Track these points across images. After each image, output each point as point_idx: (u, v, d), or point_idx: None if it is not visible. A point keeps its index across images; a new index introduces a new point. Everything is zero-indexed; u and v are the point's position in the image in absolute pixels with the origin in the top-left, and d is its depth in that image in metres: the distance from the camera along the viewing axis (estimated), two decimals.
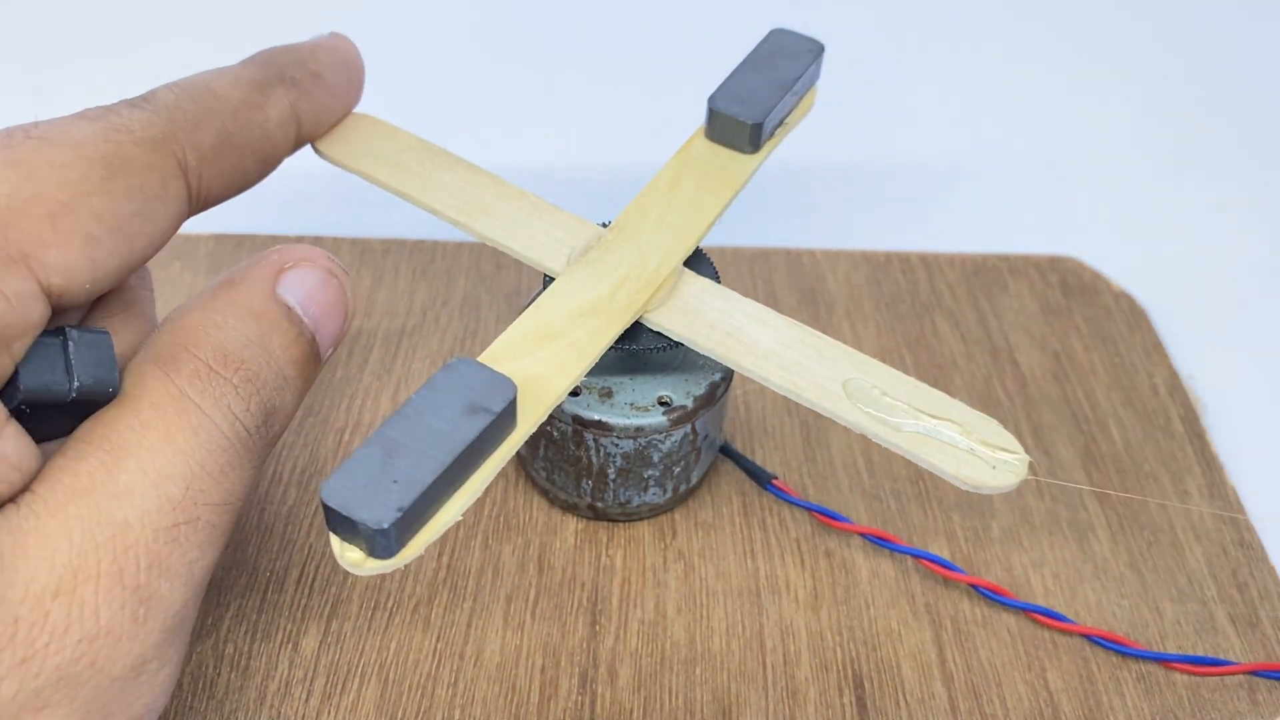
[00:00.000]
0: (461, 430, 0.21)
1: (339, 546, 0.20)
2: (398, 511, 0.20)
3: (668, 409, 0.29)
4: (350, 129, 0.29)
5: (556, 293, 0.26)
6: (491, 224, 0.28)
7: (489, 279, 0.39)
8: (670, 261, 0.27)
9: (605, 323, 0.26)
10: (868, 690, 0.28)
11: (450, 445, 0.21)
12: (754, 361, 0.26)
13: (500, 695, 0.28)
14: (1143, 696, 0.29)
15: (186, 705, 0.27)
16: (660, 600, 0.30)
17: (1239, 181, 0.48)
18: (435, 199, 0.28)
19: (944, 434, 0.25)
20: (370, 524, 0.20)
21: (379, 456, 0.21)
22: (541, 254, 0.27)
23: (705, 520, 0.32)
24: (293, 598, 0.29)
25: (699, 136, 0.30)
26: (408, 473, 0.20)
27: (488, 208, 0.28)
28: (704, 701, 0.28)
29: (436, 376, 0.22)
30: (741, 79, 0.30)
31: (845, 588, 0.31)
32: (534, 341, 0.25)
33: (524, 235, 0.28)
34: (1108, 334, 0.39)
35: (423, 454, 0.21)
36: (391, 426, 0.21)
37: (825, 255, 0.41)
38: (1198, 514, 0.33)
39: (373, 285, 0.39)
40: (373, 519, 0.20)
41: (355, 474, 0.20)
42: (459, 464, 0.21)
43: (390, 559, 0.20)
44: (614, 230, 0.28)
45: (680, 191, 0.29)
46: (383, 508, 0.20)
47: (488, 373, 0.22)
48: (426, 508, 0.21)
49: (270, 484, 0.32)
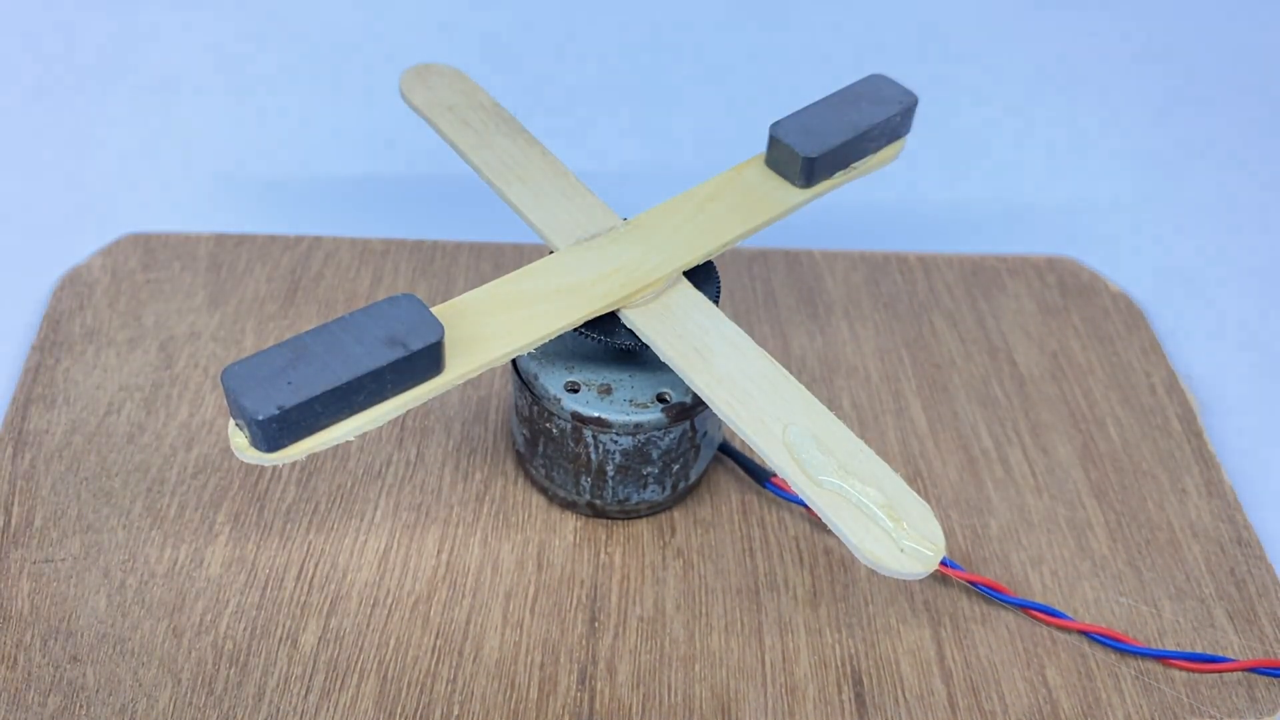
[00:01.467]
0: (372, 356, 0.22)
1: (232, 430, 0.22)
2: (277, 409, 0.21)
3: (667, 406, 0.29)
4: (437, 77, 0.30)
5: (545, 266, 0.27)
6: (521, 193, 0.29)
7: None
8: (669, 265, 0.27)
9: (576, 304, 0.26)
10: (866, 687, 0.28)
11: (353, 367, 0.22)
12: (706, 381, 0.26)
13: (499, 692, 0.28)
14: (1141, 693, 0.29)
15: (186, 701, 0.27)
16: (659, 597, 0.30)
17: (1237, 182, 0.48)
18: (482, 159, 0.29)
19: (863, 503, 0.24)
20: (250, 412, 0.21)
21: (287, 357, 0.22)
22: (555, 232, 0.28)
23: (704, 518, 0.32)
24: (292, 594, 0.29)
25: (758, 160, 0.30)
26: (303, 378, 0.22)
27: (525, 177, 0.29)
28: (703, 698, 0.28)
29: (375, 304, 0.23)
30: (816, 112, 0.30)
31: (844, 585, 0.31)
32: (500, 303, 0.25)
33: (546, 211, 0.28)
34: (1105, 334, 0.39)
35: (325, 366, 0.22)
36: (312, 335, 0.22)
37: (824, 255, 0.41)
38: (1195, 512, 0.33)
39: (373, 285, 0.39)
40: (252, 408, 0.21)
41: (259, 366, 0.22)
42: (358, 387, 0.22)
43: (268, 452, 0.22)
44: (630, 225, 0.28)
45: (714, 206, 0.29)
46: (266, 402, 0.21)
47: (423, 313, 0.23)
48: (314, 418, 0.22)
49: (270, 482, 0.32)
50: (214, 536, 0.31)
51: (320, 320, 0.37)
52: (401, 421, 0.34)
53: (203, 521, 0.31)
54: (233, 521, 0.31)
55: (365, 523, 0.31)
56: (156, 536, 0.30)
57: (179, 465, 0.32)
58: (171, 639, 0.28)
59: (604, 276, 0.26)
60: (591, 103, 0.48)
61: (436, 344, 0.23)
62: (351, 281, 0.39)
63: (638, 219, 0.28)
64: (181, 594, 0.29)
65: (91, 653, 0.28)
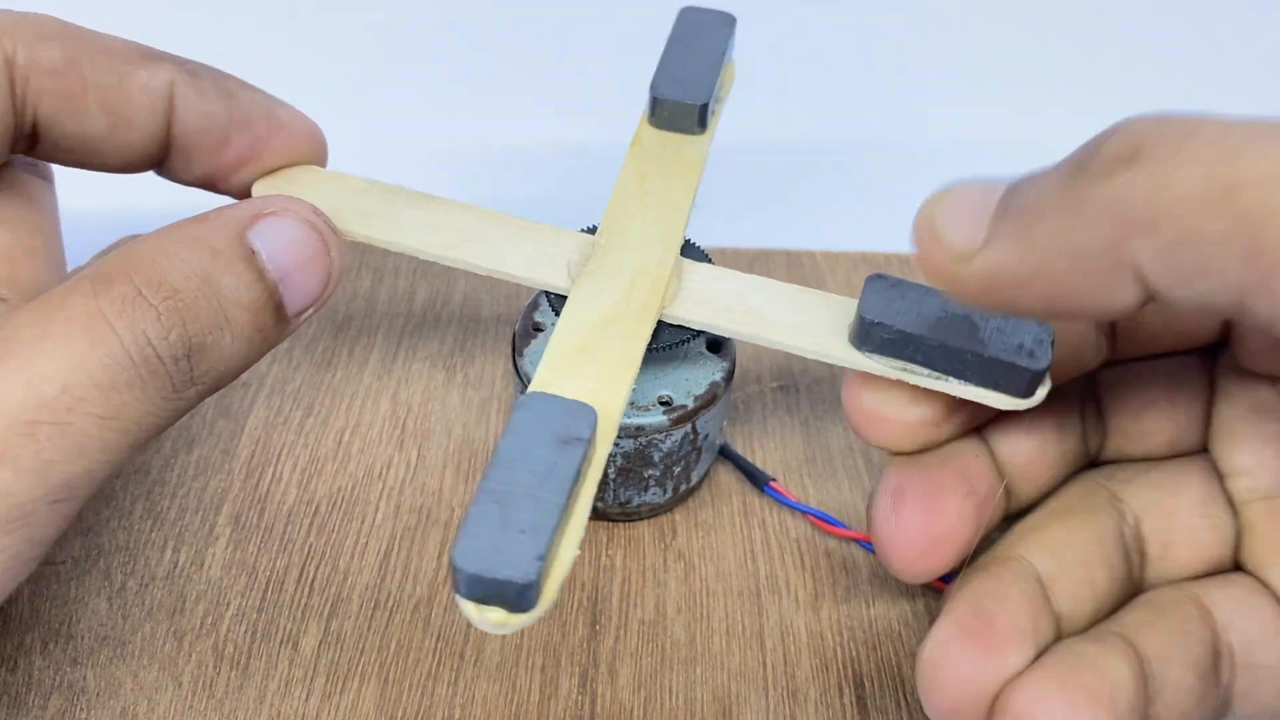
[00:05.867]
0: (562, 465, 0.21)
1: (476, 610, 0.20)
2: (538, 560, 0.19)
3: (668, 408, 0.29)
4: (291, 180, 0.28)
5: (575, 307, 0.26)
6: (478, 251, 0.27)
7: (489, 279, 0.39)
8: (669, 256, 0.27)
9: (633, 327, 0.25)
10: (868, 690, 0.28)
11: (558, 482, 0.21)
12: (779, 333, 0.26)
13: (500, 694, 0.28)
14: None
15: (186, 705, 0.27)
16: (660, 600, 0.30)
17: None
18: (411, 239, 0.27)
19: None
20: (517, 579, 0.19)
21: (495, 512, 0.20)
22: (541, 272, 0.27)
23: (705, 520, 0.32)
24: (292, 597, 0.29)
25: (644, 126, 0.30)
26: (531, 519, 0.20)
27: (468, 236, 0.27)
28: (704, 701, 0.28)
29: (517, 417, 0.22)
30: (673, 63, 0.30)
31: (846, 587, 0.31)
32: (575, 360, 0.24)
33: (516, 257, 0.27)
34: None
35: (536, 497, 0.20)
36: (493, 478, 0.20)
37: (825, 256, 0.41)
38: None
39: (373, 285, 0.39)
40: (519, 574, 0.19)
41: (480, 535, 0.20)
42: (570, 498, 0.21)
43: (533, 610, 0.20)
44: (603, 235, 0.27)
45: (650, 185, 0.29)
46: (524, 561, 0.19)
47: (564, 402, 0.22)
48: (555, 550, 0.20)
49: (270, 484, 0.32)
50: (214, 539, 0.31)
51: (320, 320, 0.37)
52: (402, 424, 0.34)
53: (203, 524, 0.31)
54: (233, 524, 0.31)
55: (366, 525, 0.31)
56: (157, 538, 0.30)
57: (179, 467, 0.32)
58: (172, 641, 0.28)
59: (629, 290, 0.26)
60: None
61: (597, 422, 0.22)
62: (352, 282, 0.39)
63: (603, 227, 0.28)
64: (182, 596, 0.29)
65: (92, 655, 0.28)
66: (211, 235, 0.22)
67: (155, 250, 0.22)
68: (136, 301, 0.21)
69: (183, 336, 0.21)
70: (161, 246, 0.22)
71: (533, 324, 0.31)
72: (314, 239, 0.24)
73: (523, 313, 0.31)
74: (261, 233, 0.23)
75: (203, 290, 0.22)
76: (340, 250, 0.25)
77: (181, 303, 0.21)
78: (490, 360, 0.36)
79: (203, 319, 0.22)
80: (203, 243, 0.22)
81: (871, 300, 0.26)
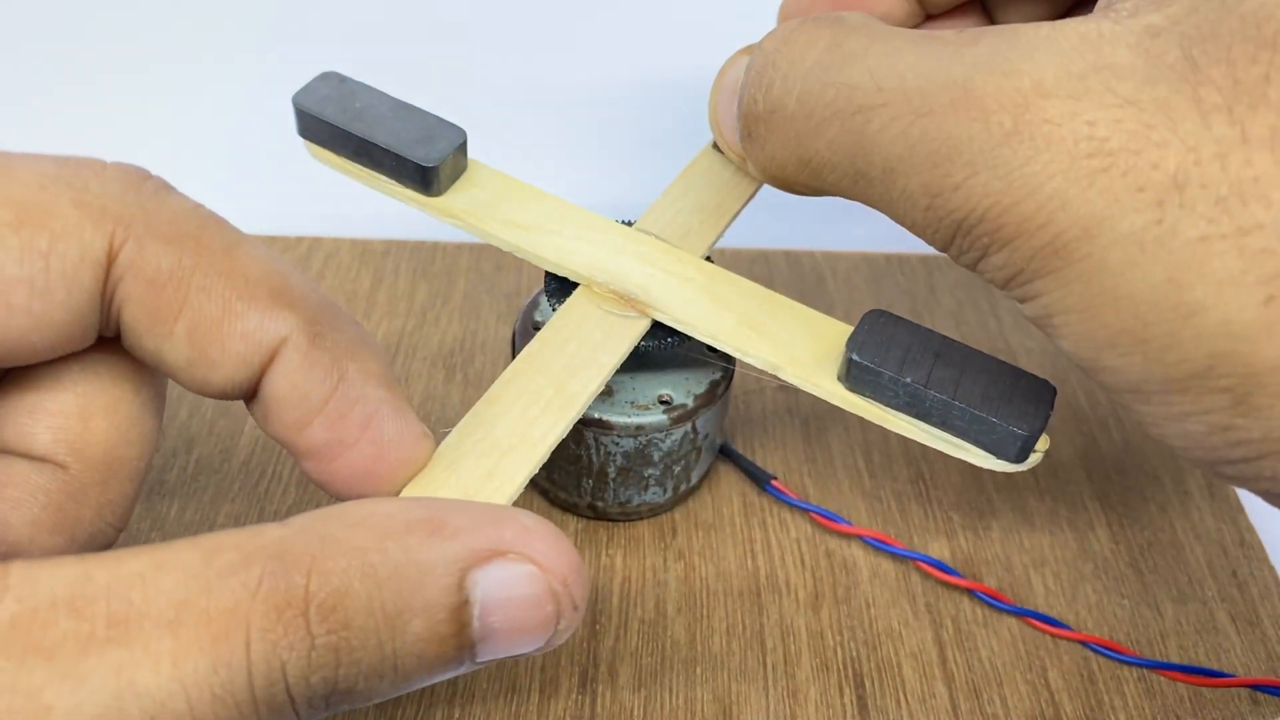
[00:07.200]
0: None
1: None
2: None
3: (668, 407, 0.29)
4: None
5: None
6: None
7: (489, 279, 0.39)
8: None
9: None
10: (868, 689, 0.28)
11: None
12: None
13: (500, 694, 0.28)
14: (1144, 696, 0.29)
15: None
16: (660, 600, 0.30)
17: None
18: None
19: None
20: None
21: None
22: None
23: (705, 520, 0.32)
24: None
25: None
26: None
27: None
28: (704, 701, 0.28)
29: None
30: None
31: (846, 587, 0.31)
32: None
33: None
34: None
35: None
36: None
37: (825, 256, 0.41)
38: (1198, 514, 0.33)
39: (373, 285, 0.39)
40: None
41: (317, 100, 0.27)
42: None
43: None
44: (641, 226, 0.29)
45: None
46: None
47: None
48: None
49: (270, 483, 0.32)
50: None
51: None
52: None
53: (203, 524, 0.31)
54: (233, 524, 0.31)
55: None
56: (156, 539, 0.30)
57: (179, 467, 0.32)
58: None
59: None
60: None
61: None
62: (352, 282, 0.39)
63: (643, 221, 0.28)
64: None
65: None
66: (430, 567, 0.17)
67: (353, 550, 0.17)
68: (294, 624, 0.16)
69: (328, 681, 0.16)
70: (362, 549, 0.17)
71: (532, 323, 0.31)
72: (546, 606, 0.18)
73: (522, 312, 0.31)
74: (487, 579, 0.18)
75: (382, 634, 0.17)
76: (574, 616, 0.19)
77: (347, 642, 0.16)
78: (490, 360, 0.36)
79: (364, 666, 0.17)
80: (413, 574, 0.17)
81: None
